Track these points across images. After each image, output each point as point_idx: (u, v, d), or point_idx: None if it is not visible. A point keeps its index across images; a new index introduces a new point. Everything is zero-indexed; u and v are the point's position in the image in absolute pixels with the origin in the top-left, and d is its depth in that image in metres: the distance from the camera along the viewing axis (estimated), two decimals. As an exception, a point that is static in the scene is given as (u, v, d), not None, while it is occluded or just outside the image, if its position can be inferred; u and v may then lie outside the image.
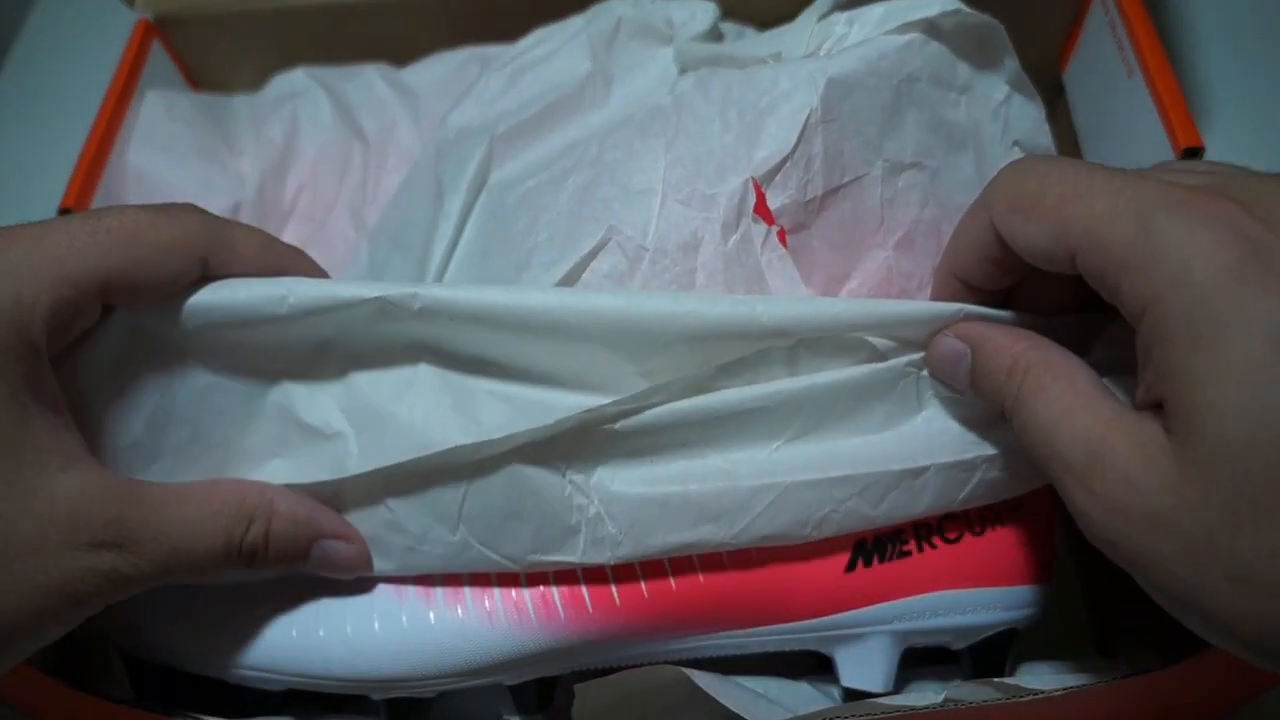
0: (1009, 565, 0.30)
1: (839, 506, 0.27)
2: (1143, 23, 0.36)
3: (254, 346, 0.26)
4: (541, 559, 0.27)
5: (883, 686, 0.30)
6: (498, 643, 0.28)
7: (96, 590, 0.22)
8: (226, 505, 0.24)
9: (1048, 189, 0.22)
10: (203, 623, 0.29)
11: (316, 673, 0.28)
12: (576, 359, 0.25)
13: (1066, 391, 0.22)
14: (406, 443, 0.25)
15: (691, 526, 0.26)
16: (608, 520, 0.26)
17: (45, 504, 0.21)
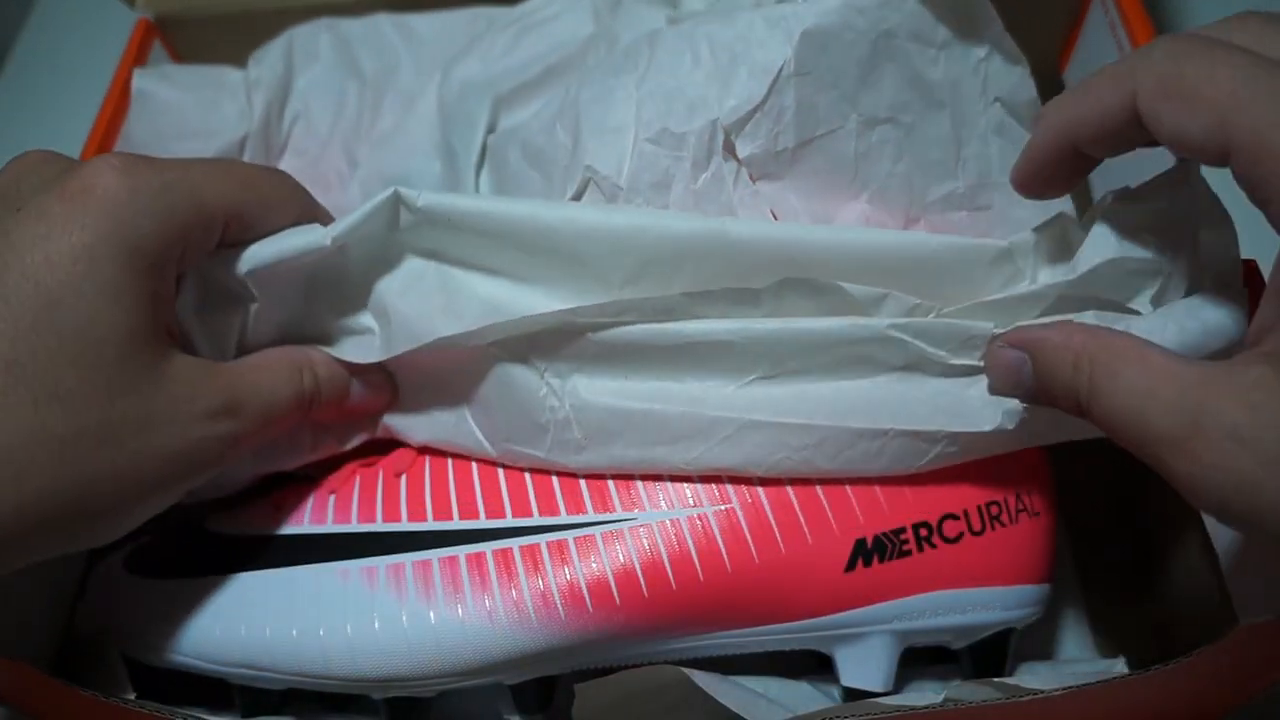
0: (1009, 565, 0.30)
1: (794, 454, 0.27)
2: (1142, 23, 0.36)
3: (296, 272, 0.28)
4: (514, 448, 0.28)
5: (883, 686, 0.30)
6: (498, 642, 0.28)
7: (218, 453, 0.26)
8: (285, 365, 0.28)
9: (1212, 79, 0.20)
10: (203, 622, 0.29)
11: (317, 672, 0.28)
12: (559, 268, 0.27)
13: (1142, 371, 0.21)
14: (406, 334, 0.28)
15: (651, 445, 0.27)
16: (574, 425, 0.27)
17: (171, 383, 0.25)
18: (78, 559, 0.32)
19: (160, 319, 0.25)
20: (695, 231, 0.26)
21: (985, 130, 0.29)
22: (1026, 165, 0.25)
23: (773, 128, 0.28)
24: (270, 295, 0.29)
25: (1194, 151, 0.21)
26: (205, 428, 0.26)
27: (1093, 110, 0.23)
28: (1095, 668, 0.32)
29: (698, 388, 0.27)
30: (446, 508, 0.30)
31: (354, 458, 0.33)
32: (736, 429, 0.27)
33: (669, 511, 0.28)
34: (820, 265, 0.26)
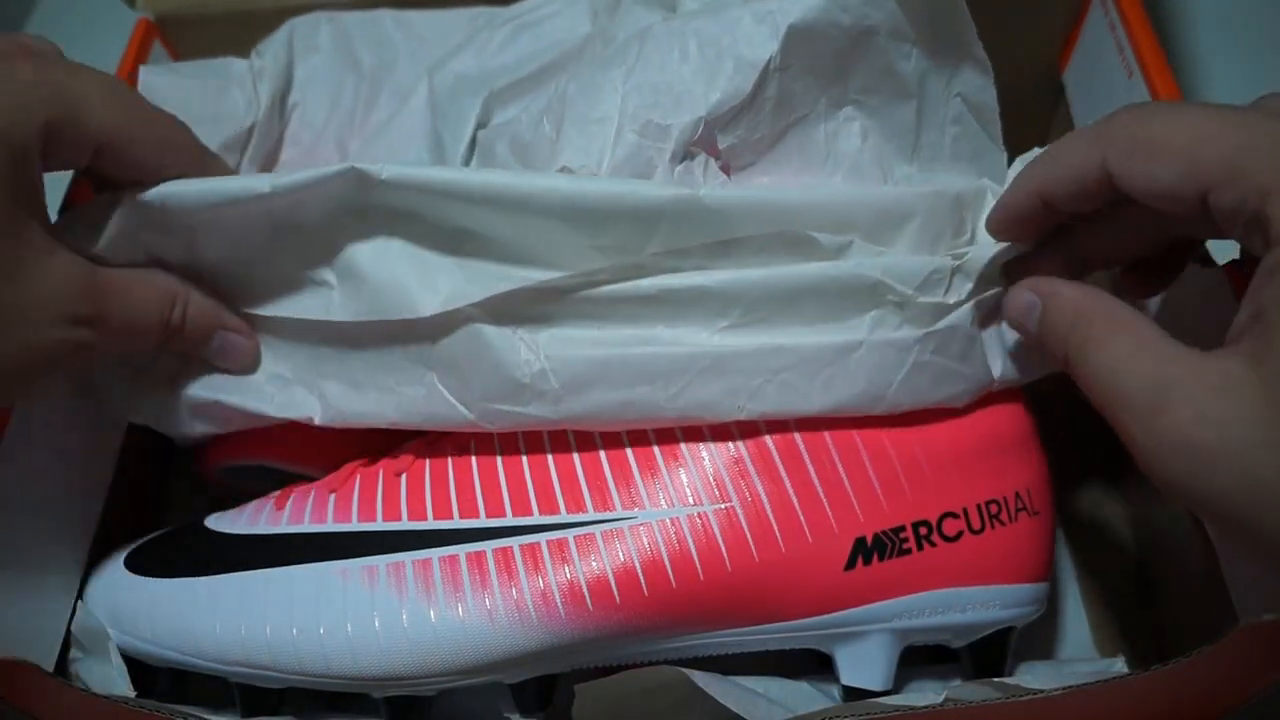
0: (1008, 563, 0.30)
1: (773, 378, 0.27)
2: (1142, 23, 0.36)
3: (256, 218, 0.29)
4: (492, 407, 0.28)
5: (883, 685, 0.30)
6: (498, 641, 0.28)
7: (72, 355, 0.27)
8: (159, 291, 0.29)
9: (1176, 132, 0.22)
10: (203, 622, 0.29)
11: (317, 671, 0.28)
12: (533, 234, 0.27)
13: (1130, 338, 0.22)
14: (375, 302, 0.28)
15: (629, 386, 0.27)
16: (551, 376, 0.27)
17: (36, 283, 0.25)
18: (78, 559, 0.32)
19: (26, 211, 0.25)
20: (668, 197, 0.26)
21: (944, 120, 0.30)
22: (1001, 216, 0.28)
23: (754, 119, 0.28)
24: (225, 235, 0.29)
25: (1170, 200, 0.23)
26: (65, 330, 0.26)
27: (1065, 173, 0.25)
28: (1095, 668, 0.32)
29: (671, 334, 0.28)
30: (446, 507, 0.30)
31: (355, 457, 0.33)
32: (714, 360, 0.27)
33: (669, 510, 0.28)
34: (790, 222, 0.27)
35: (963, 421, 0.30)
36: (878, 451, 0.29)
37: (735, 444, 0.29)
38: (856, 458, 0.29)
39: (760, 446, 0.29)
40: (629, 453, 0.29)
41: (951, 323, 0.28)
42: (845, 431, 0.29)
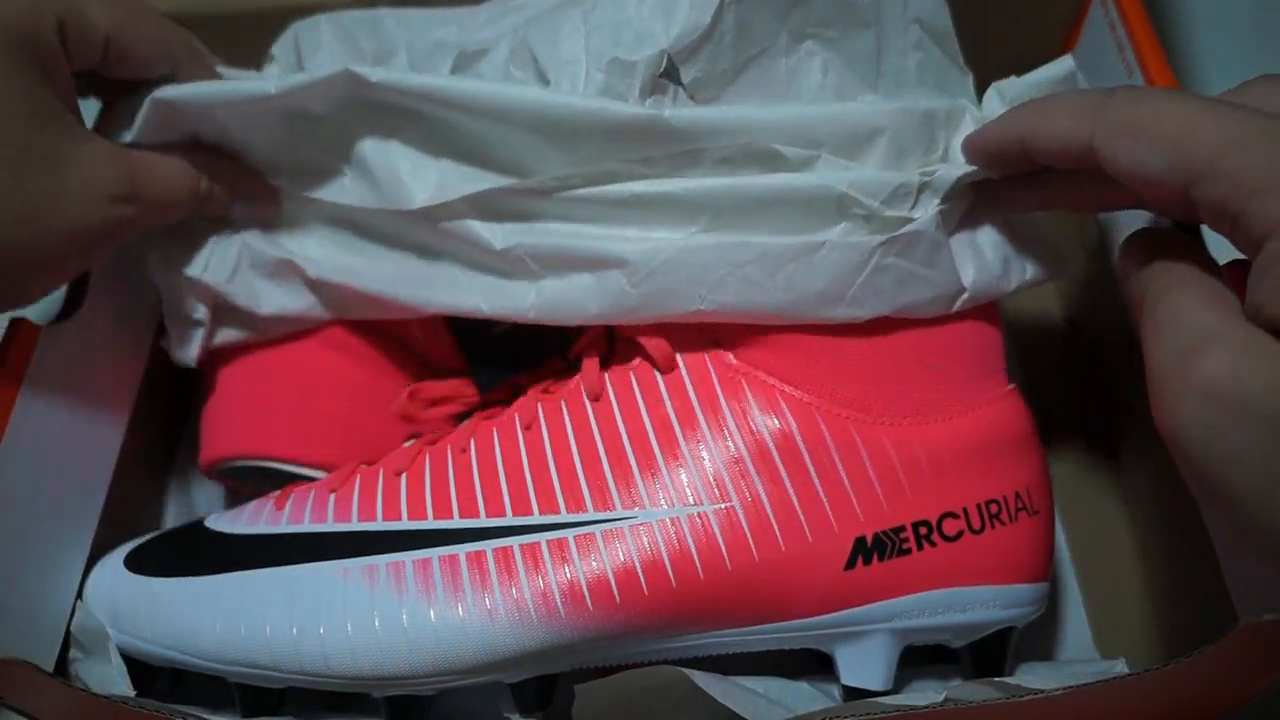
0: (1008, 563, 0.30)
1: (735, 270, 0.28)
2: (1142, 23, 0.36)
3: (273, 112, 0.31)
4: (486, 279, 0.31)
5: (883, 684, 0.30)
6: (498, 640, 0.28)
7: (116, 231, 0.29)
8: (190, 166, 0.31)
9: (1167, 118, 0.23)
10: (203, 622, 0.29)
11: (317, 670, 0.28)
12: (511, 140, 0.29)
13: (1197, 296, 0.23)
14: (377, 191, 0.31)
15: (601, 269, 0.29)
16: (529, 260, 0.30)
17: (78, 168, 0.28)
18: (78, 559, 0.32)
19: (61, 103, 0.28)
20: (636, 116, 0.27)
21: (905, 46, 0.30)
22: (979, 148, 0.28)
23: (715, 50, 0.28)
24: (247, 124, 0.31)
25: (1152, 187, 0.23)
26: (107, 209, 0.28)
27: (1051, 133, 0.25)
28: (1095, 668, 0.32)
29: (639, 232, 0.29)
30: (447, 506, 0.30)
31: (355, 457, 0.33)
32: (679, 250, 0.28)
33: (669, 510, 0.28)
34: (757, 138, 0.28)
35: (963, 421, 0.30)
36: (877, 451, 0.29)
37: (735, 443, 0.29)
38: (856, 457, 0.29)
39: (760, 446, 0.29)
40: (629, 453, 0.29)
41: (917, 228, 0.28)
42: (845, 431, 0.29)
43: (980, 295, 0.30)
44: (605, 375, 0.31)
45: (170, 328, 0.35)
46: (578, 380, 0.31)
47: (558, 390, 0.32)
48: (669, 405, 0.30)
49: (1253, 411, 0.20)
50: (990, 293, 0.30)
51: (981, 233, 0.30)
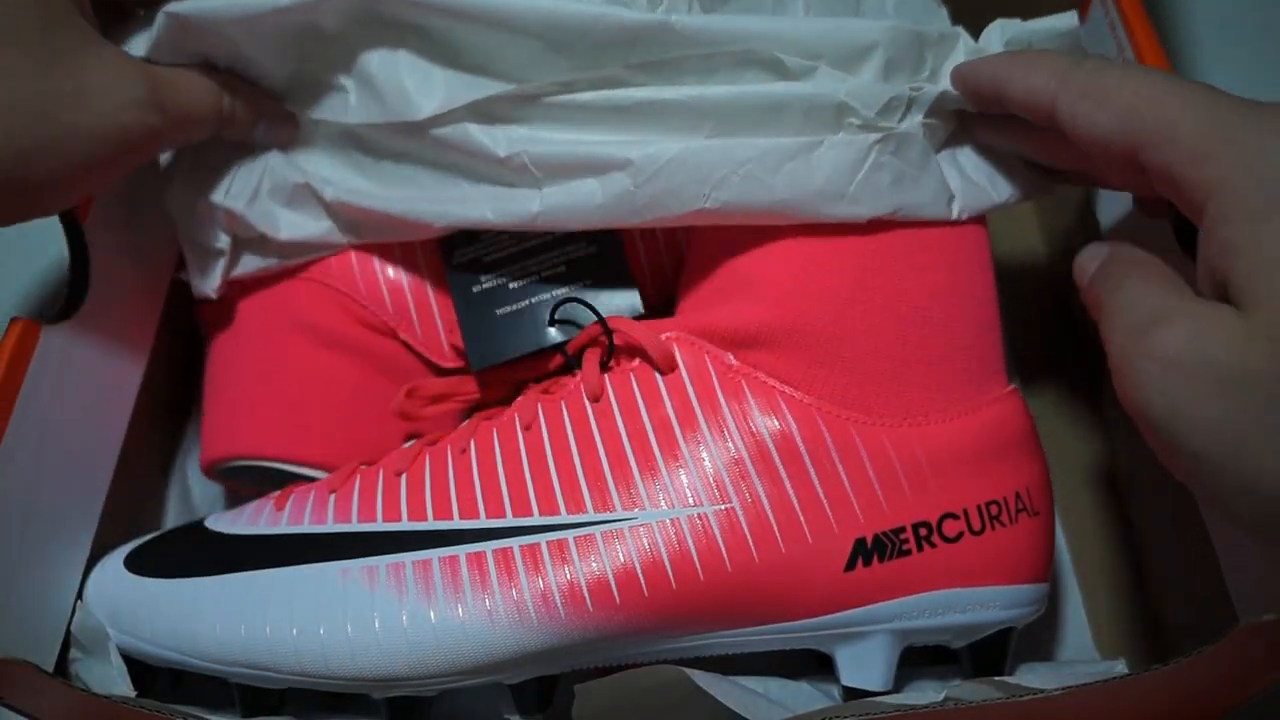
0: (1008, 564, 0.30)
1: (738, 169, 0.29)
2: (1143, 23, 0.36)
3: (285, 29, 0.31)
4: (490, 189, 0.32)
5: (882, 685, 0.30)
6: (498, 641, 0.28)
7: (141, 141, 0.29)
8: (211, 83, 0.32)
9: (1124, 87, 0.24)
10: (203, 622, 0.29)
11: (317, 671, 0.28)
12: (519, 49, 0.29)
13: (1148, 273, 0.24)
14: (383, 105, 0.31)
15: (603, 173, 0.30)
16: (532, 167, 0.30)
17: (96, 69, 0.28)
18: (78, 559, 0.32)
19: (76, 6, 0.28)
20: (642, 21, 0.28)
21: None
22: (962, 77, 0.30)
23: None
24: (260, 43, 0.32)
25: (1103, 149, 0.25)
26: (130, 114, 0.28)
27: (1023, 85, 0.27)
28: (1095, 668, 0.32)
29: (641, 138, 0.30)
30: (447, 507, 0.30)
31: (355, 457, 0.33)
32: (683, 148, 0.29)
33: (669, 511, 0.28)
34: (758, 46, 0.29)
35: (962, 422, 0.30)
36: (877, 452, 0.29)
37: (735, 444, 0.29)
38: (856, 458, 0.29)
39: (760, 447, 0.29)
40: (629, 453, 0.29)
41: (908, 129, 0.30)
42: (845, 432, 0.29)
43: (970, 205, 0.30)
44: (605, 376, 0.31)
45: (190, 261, 0.36)
46: (577, 380, 0.31)
47: (557, 390, 0.32)
48: (669, 406, 0.30)
49: (1212, 377, 0.21)
50: (980, 204, 0.31)
51: (963, 151, 0.31)
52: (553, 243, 0.35)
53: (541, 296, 0.34)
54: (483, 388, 0.35)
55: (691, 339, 0.30)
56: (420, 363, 0.37)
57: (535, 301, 0.34)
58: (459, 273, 0.35)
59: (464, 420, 0.35)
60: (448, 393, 0.35)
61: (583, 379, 0.31)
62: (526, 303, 0.35)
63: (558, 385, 0.32)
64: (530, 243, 0.35)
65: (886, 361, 0.29)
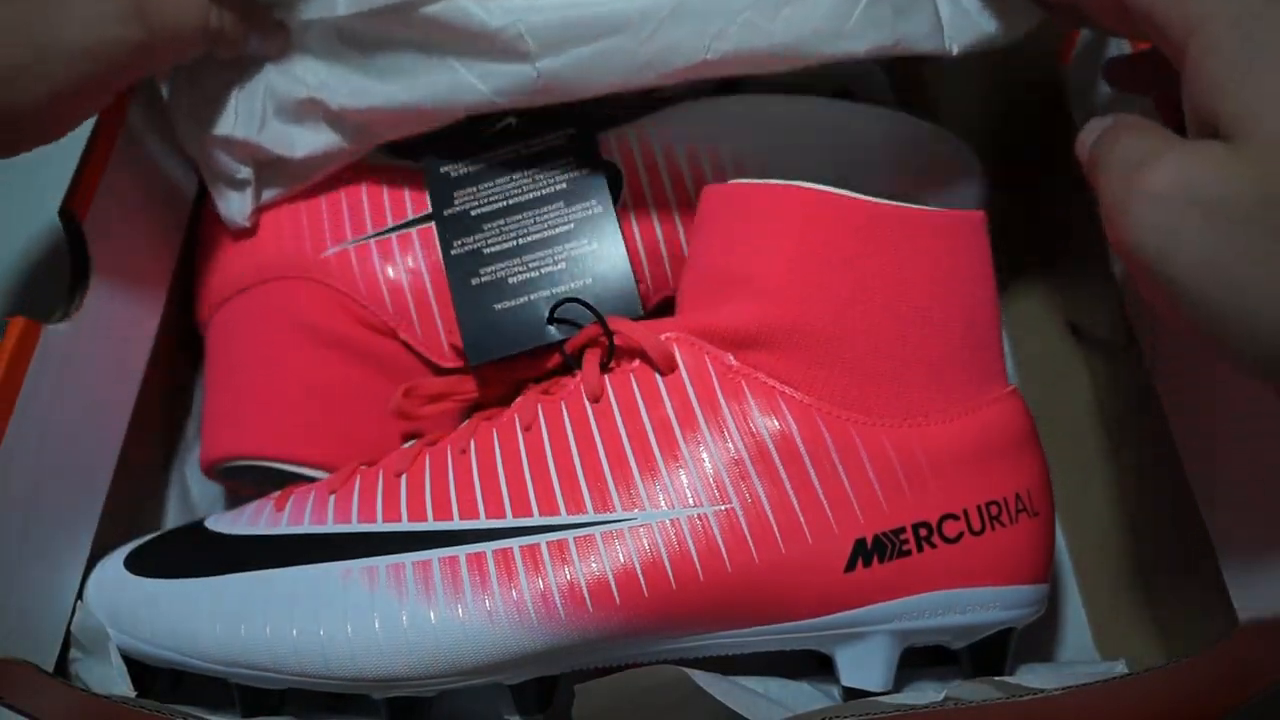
0: (1008, 565, 0.30)
1: (736, 17, 0.29)
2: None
3: None
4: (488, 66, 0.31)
5: (882, 685, 0.30)
6: (498, 642, 0.28)
7: (127, 58, 0.28)
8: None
9: None
10: (203, 622, 0.29)
11: (317, 672, 0.28)
12: None
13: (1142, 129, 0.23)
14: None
15: (602, 38, 0.29)
16: (527, 36, 0.30)
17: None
18: (78, 559, 0.32)
19: None
20: None
21: None
22: None
23: None
24: None
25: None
26: (114, 29, 0.28)
27: None
28: (1095, 668, 0.32)
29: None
30: (446, 507, 0.30)
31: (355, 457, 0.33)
32: (679, 3, 0.29)
33: (669, 511, 0.28)
34: None
35: (962, 422, 0.30)
36: (877, 452, 0.29)
37: (735, 445, 0.29)
38: (856, 459, 0.29)
39: (760, 448, 0.29)
40: (629, 454, 0.29)
41: None
42: (845, 432, 0.29)
43: (960, 37, 0.30)
44: (605, 376, 0.31)
45: (215, 194, 0.36)
46: (577, 381, 0.31)
47: (557, 391, 0.32)
48: (669, 406, 0.30)
49: (1202, 209, 0.21)
50: (970, 35, 0.31)
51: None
52: (554, 238, 0.35)
53: (541, 293, 0.35)
54: (481, 387, 0.35)
55: (691, 339, 0.30)
56: (420, 363, 0.37)
57: (535, 298, 0.35)
58: (458, 264, 0.35)
59: (463, 420, 0.35)
60: (446, 392, 0.35)
61: (583, 379, 0.31)
62: (526, 299, 0.35)
63: (557, 385, 0.32)
64: (531, 236, 0.35)
65: (886, 362, 0.29)
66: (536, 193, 0.35)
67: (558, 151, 0.36)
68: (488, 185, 0.36)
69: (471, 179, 0.36)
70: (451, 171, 0.36)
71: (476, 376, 0.35)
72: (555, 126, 0.36)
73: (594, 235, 0.35)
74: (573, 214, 0.35)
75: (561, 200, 0.35)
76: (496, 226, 0.35)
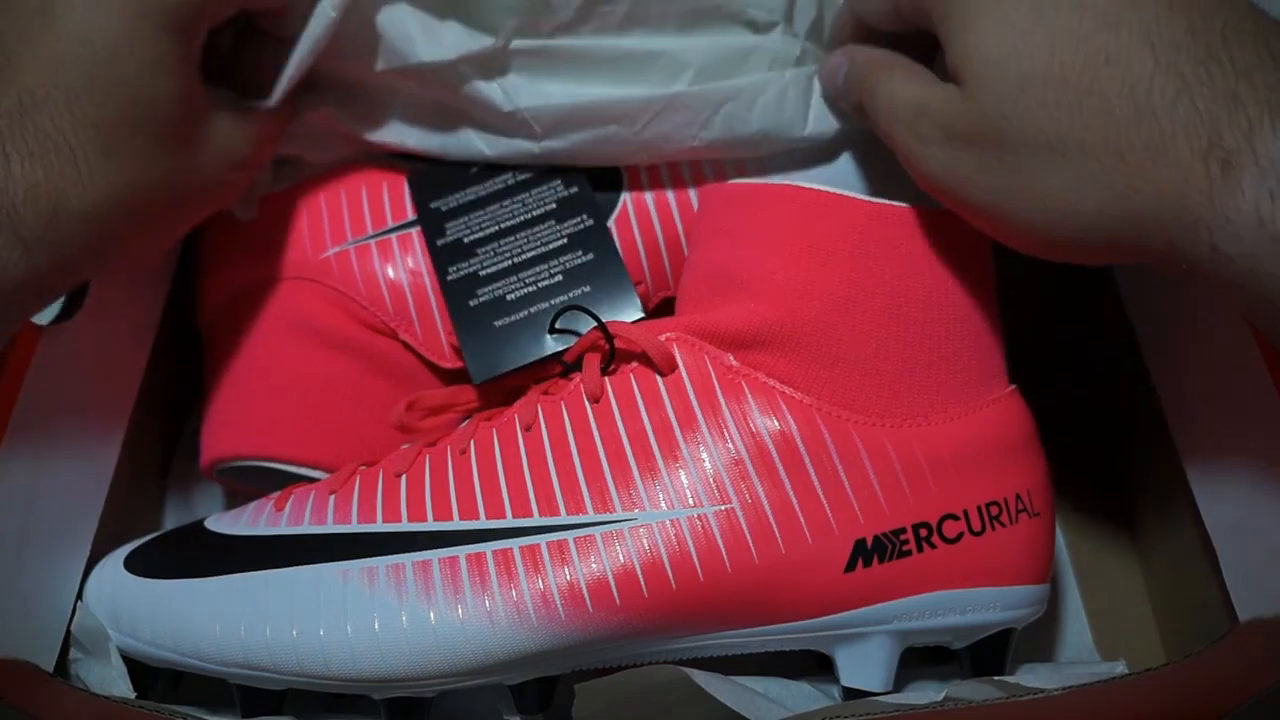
0: (1008, 565, 0.30)
1: (718, 110, 0.33)
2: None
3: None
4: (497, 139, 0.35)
5: (882, 686, 0.30)
6: (498, 642, 0.28)
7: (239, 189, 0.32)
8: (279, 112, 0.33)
9: None
10: (203, 622, 0.29)
11: (317, 672, 0.28)
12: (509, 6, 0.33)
13: (901, 73, 0.29)
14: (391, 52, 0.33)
15: (600, 126, 0.33)
16: (531, 122, 0.34)
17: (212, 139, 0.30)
18: (78, 559, 0.32)
19: (196, 78, 0.29)
20: None
21: None
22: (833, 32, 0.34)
23: None
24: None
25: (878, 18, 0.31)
26: (234, 175, 0.31)
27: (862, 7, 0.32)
28: (1095, 668, 0.32)
29: (633, 90, 0.33)
30: (446, 508, 0.30)
31: (355, 458, 0.33)
32: (669, 100, 0.33)
33: (669, 512, 0.28)
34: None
35: (963, 423, 0.30)
36: (878, 452, 0.29)
37: (735, 445, 0.29)
38: (856, 459, 0.29)
39: (760, 448, 0.29)
40: (629, 454, 0.29)
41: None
42: (845, 432, 0.29)
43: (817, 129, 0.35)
44: (605, 377, 0.31)
45: None
46: (577, 382, 0.31)
47: (557, 391, 0.32)
48: (669, 407, 0.30)
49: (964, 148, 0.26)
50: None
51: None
52: (548, 254, 0.35)
53: (540, 306, 0.35)
54: (481, 397, 0.35)
55: (691, 340, 0.30)
56: (420, 363, 0.37)
57: (534, 311, 0.35)
58: (455, 288, 0.35)
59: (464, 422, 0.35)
60: (446, 404, 0.35)
61: (583, 380, 0.31)
62: (525, 313, 0.35)
63: (558, 386, 0.32)
64: (526, 255, 0.35)
65: (886, 362, 0.29)
66: (527, 215, 0.36)
67: (544, 176, 0.36)
68: (479, 214, 0.36)
69: (463, 210, 0.36)
70: (442, 206, 0.36)
71: (477, 386, 0.35)
72: None
73: (588, 246, 0.35)
74: (565, 229, 0.35)
75: (553, 219, 0.36)
76: (490, 250, 0.35)
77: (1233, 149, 0.21)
